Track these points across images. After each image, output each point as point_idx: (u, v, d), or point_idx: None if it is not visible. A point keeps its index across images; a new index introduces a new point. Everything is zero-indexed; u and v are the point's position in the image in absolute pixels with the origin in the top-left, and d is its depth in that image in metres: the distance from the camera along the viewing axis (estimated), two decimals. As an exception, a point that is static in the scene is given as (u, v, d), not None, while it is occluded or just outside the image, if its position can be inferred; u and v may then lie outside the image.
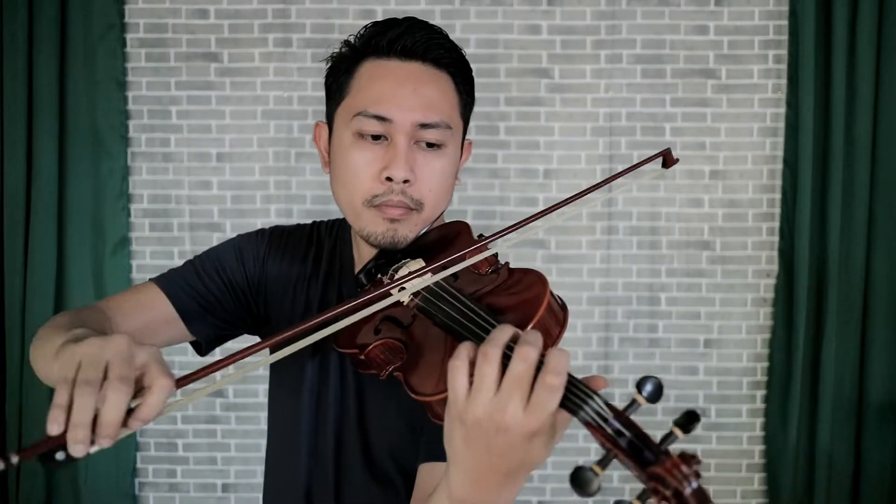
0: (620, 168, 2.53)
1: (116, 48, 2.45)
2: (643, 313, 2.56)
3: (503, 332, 0.59)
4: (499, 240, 0.79)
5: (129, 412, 0.57)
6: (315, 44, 2.51)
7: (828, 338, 2.43)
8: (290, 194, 2.54)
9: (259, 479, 2.56)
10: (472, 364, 0.59)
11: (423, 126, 0.85)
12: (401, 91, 0.85)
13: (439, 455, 0.79)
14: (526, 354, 0.56)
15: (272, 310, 1.02)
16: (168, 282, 0.99)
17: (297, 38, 2.52)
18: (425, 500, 0.75)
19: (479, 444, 0.58)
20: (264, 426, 2.55)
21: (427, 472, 0.81)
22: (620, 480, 2.56)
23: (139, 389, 0.59)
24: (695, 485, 0.50)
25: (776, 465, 2.51)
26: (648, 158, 0.85)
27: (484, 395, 0.57)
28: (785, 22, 2.48)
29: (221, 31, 2.52)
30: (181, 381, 0.61)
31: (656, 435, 0.55)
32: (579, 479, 0.52)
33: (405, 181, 0.85)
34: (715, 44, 2.52)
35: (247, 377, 2.55)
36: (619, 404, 0.57)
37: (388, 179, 0.85)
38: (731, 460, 2.58)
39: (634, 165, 0.84)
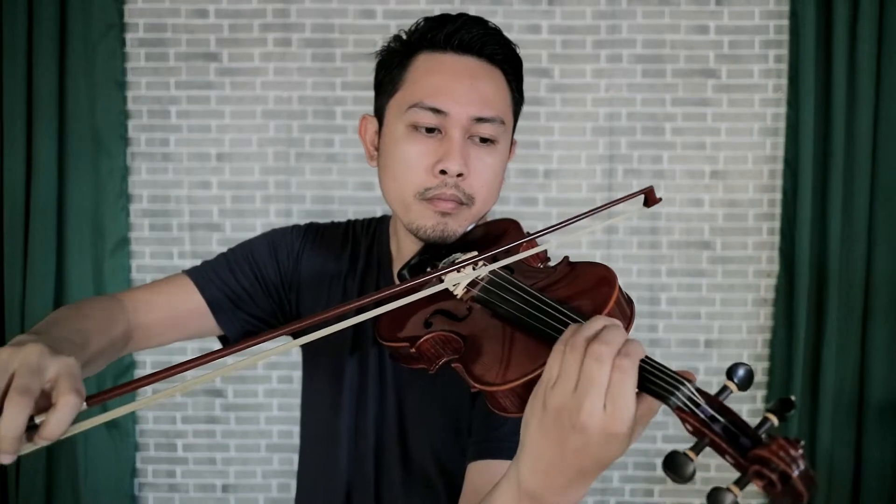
0: (620, 168, 2.53)
1: (116, 48, 2.44)
2: (643, 313, 2.55)
3: (593, 325, 0.58)
4: (548, 236, 0.78)
5: (35, 428, 0.54)
6: (315, 44, 2.51)
7: (828, 338, 2.42)
8: (289, 194, 2.54)
9: (259, 480, 2.56)
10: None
11: (479, 120, 0.85)
12: (458, 85, 0.85)
13: (491, 453, 0.79)
14: (598, 353, 0.55)
15: (304, 306, 1.01)
16: (200, 274, 0.98)
17: (297, 38, 2.51)
18: (483, 495, 0.73)
19: (554, 437, 0.56)
20: (264, 426, 2.56)
21: (479, 471, 0.79)
22: (620, 481, 2.56)
23: (50, 405, 0.55)
24: (802, 466, 0.49)
25: (776, 465, 2.50)
26: (630, 195, 0.83)
27: (567, 387, 0.56)
28: (785, 22, 2.48)
29: (221, 31, 2.51)
30: (97, 397, 0.57)
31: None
32: (674, 464, 0.51)
33: (459, 175, 0.84)
34: (715, 43, 2.51)
35: (246, 377, 2.55)
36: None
37: (442, 172, 0.84)
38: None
39: (617, 200, 0.82)
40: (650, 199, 0.84)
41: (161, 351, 2.47)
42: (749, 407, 2.57)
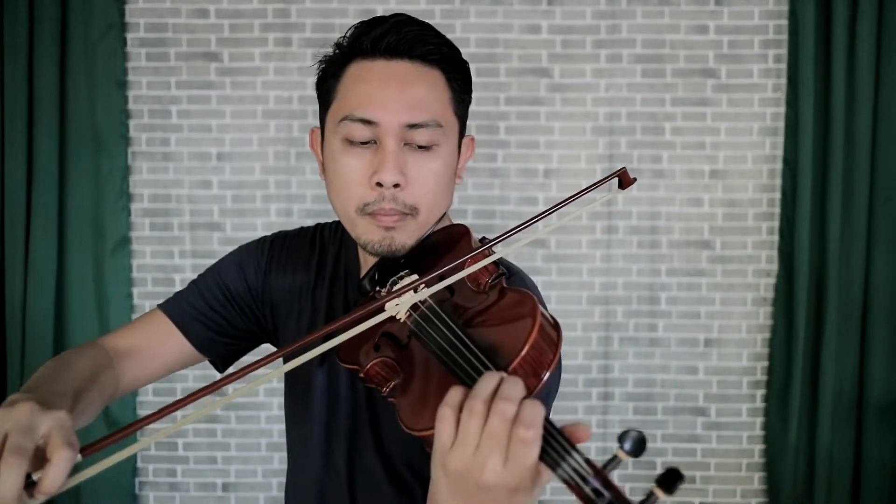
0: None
1: (117, 48, 2.45)
2: (643, 313, 2.56)
3: (488, 383, 0.57)
4: (500, 244, 0.76)
5: (33, 484, 0.55)
6: (315, 43, 2.52)
7: (828, 337, 2.43)
8: (290, 194, 2.54)
9: (259, 479, 2.57)
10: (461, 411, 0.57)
11: (412, 126, 0.81)
12: (385, 92, 0.82)
13: None
14: (502, 411, 0.55)
15: (279, 320, 1.01)
16: (175, 310, 0.98)
17: (297, 38, 2.52)
18: None
19: (462, 496, 0.57)
20: (264, 426, 2.57)
21: None
22: (620, 480, 2.57)
23: (45, 461, 0.56)
24: None
25: (776, 464, 2.51)
26: (603, 179, 0.81)
27: (466, 450, 0.56)
28: (785, 21, 2.48)
29: (221, 31, 2.52)
30: (91, 448, 0.58)
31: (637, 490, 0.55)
32: None
33: (395, 185, 0.81)
34: (715, 43, 2.52)
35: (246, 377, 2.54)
36: (598, 458, 0.58)
37: (379, 185, 0.81)
38: (731, 460, 2.58)
39: (592, 185, 0.81)
40: (624, 180, 0.83)
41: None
42: (748, 406, 2.57)
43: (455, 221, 0.96)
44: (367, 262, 0.95)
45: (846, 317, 2.44)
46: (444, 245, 0.86)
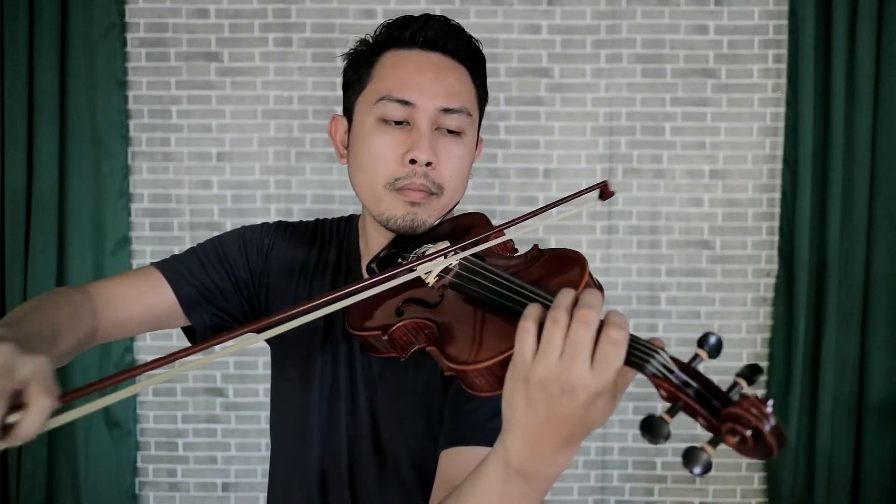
0: (620, 168, 2.54)
1: (117, 48, 2.45)
2: (643, 313, 2.56)
3: (567, 296, 0.60)
4: (512, 227, 0.82)
5: (8, 427, 0.55)
6: (315, 43, 2.52)
7: (828, 337, 2.43)
8: (290, 194, 2.54)
9: (259, 479, 2.57)
10: (539, 326, 0.59)
11: (446, 111, 0.88)
12: (423, 77, 0.88)
13: (463, 440, 0.80)
14: (586, 317, 0.57)
15: (273, 302, 1.02)
16: (169, 267, 0.99)
17: (297, 38, 2.52)
18: (455, 482, 0.74)
19: (542, 407, 0.58)
20: (264, 425, 2.56)
21: (451, 458, 0.81)
22: (620, 480, 2.57)
23: (21, 405, 0.56)
24: (773, 422, 0.51)
25: (776, 464, 2.51)
26: (586, 189, 0.87)
27: (551, 357, 0.57)
28: (785, 21, 2.48)
29: (222, 31, 2.52)
30: (71, 394, 0.58)
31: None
32: (650, 426, 0.54)
33: (428, 164, 0.87)
34: (715, 43, 2.52)
35: (246, 376, 2.55)
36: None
37: (412, 162, 0.86)
38: (731, 460, 2.58)
39: (573, 195, 0.86)
40: (605, 192, 0.89)
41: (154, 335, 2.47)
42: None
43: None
44: (368, 252, 0.98)
45: (846, 317, 2.44)
46: (461, 228, 0.92)
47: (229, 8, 2.51)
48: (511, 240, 0.85)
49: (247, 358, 2.52)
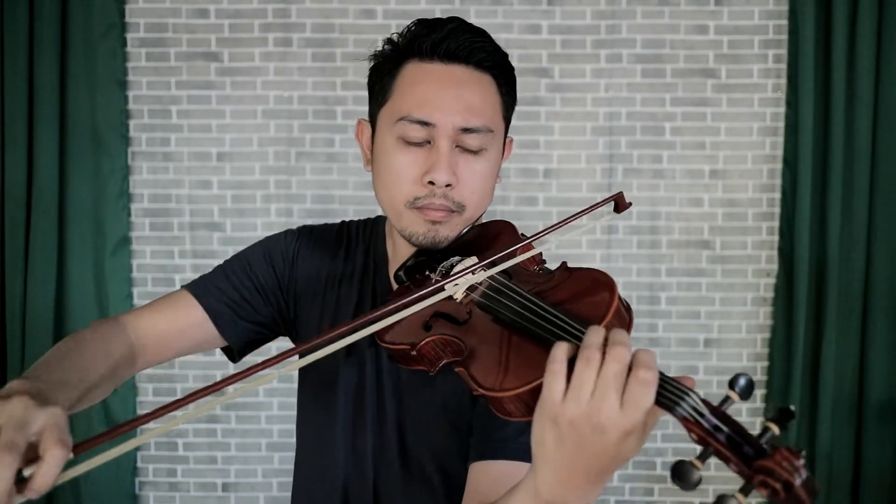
0: (620, 168, 2.54)
1: (117, 48, 2.45)
2: (643, 313, 2.56)
3: (599, 334, 0.59)
4: (542, 238, 0.80)
5: (24, 480, 0.55)
6: (315, 43, 2.52)
7: (828, 337, 2.43)
8: (290, 194, 2.54)
9: (260, 479, 2.57)
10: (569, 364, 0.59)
11: (465, 130, 0.86)
12: (443, 95, 0.86)
13: (490, 454, 0.81)
14: (620, 355, 0.57)
15: (302, 309, 1.02)
16: (198, 286, 1.00)
17: (297, 38, 2.52)
18: (486, 495, 0.74)
19: (572, 445, 0.59)
20: (265, 425, 2.57)
21: (482, 472, 0.81)
22: (620, 480, 2.57)
23: (36, 457, 0.57)
24: (805, 476, 0.51)
25: (776, 464, 2.51)
26: (601, 202, 0.85)
27: (582, 396, 0.57)
28: (785, 21, 2.48)
29: (222, 31, 2.52)
30: (84, 445, 0.58)
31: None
32: (681, 473, 0.54)
33: (447, 185, 0.86)
34: (715, 43, 2.52)
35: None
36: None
37: (431, 183, 0.85)
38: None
39: (589, 208, 0.84)
40: (620, 204, 0.87)
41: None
42: (749, 406, 2.57)
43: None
44: (395, 256, 0.98)
45: (846, 317, 2.44)
46: (485, 237, 0.91)
47: (229, 8, 2.51)
48: (540, 252, 0.84)
49: (246, 358, 2.52)
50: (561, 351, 0.60)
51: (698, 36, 2.52)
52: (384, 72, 0.91)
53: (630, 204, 0.88)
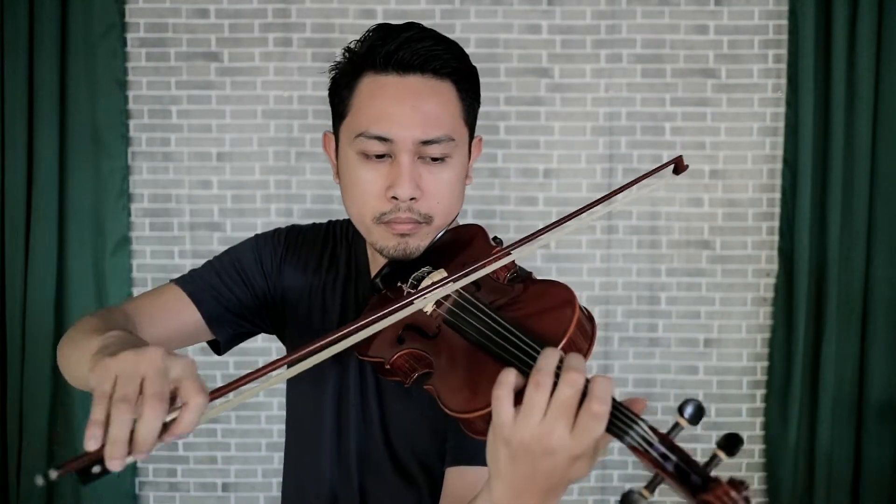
0: (620, 168, 2.54)
1: (117, 48, 2.45)
2: (643, 313, 2.56)
3: (551, 358, 0.60)
4: (548, 235, 0.81)
5: (164, 426, 0.58)
6: (315, 43, 2.52)
7: (828, 337, 2.43)
8: (290, 194, 2.54)
9: (259, 479, 2.57)
10: (516, 390, 0.60)
11: (426, 143, 0.84)
12: (400, 109, 0.84)
13: (465, 459, 0.82)
14: (573, 381, 0.58)
15: (289, 314, 1.03)
16: (189, 282, 1.00)
17: (297, 38, 2.52)
18: (461, 500, 0.76)
19: (524, 464, 0.60)
20: (265, 425, 2.57)
21: (456, 476, 0.82)
22: (620, 480, 2.57)
23: (173, 402, 0.60)
24: None
25: (776, 464, 2.51)
26: (661, 166, 0.86)
27: (533, 421, 0.58)
28: (785, 21, 2.48)
29: (222, 31, 2.52)
30: (213, 395, 0.62)
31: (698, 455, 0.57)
32: (629, 502, 0.55)
33: (411, 199, 0.85)
34: (715, 43, 2.52)
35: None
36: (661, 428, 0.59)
37: (394, 198, 0.85)
38: (731, 460, 2.57)
39: (649, 173, 0.84)
40: (679, 167, 0.87)
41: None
42: (748, 406, 2.57)
43: (459, 222, 0.99)
44: (375, 260, 0.98)
45: (846, 317, 2.44)
46: (459, 243, 0.91)
47: (229, 8, 2.51)
48: (513, 261, 0.82)
49: (246, 358, 2.52)
50: (507, 376, 0.60)
51: (698, 36, 2.52)
52: (342, 85, 0.89)
53: (688, 167, 0.88)
